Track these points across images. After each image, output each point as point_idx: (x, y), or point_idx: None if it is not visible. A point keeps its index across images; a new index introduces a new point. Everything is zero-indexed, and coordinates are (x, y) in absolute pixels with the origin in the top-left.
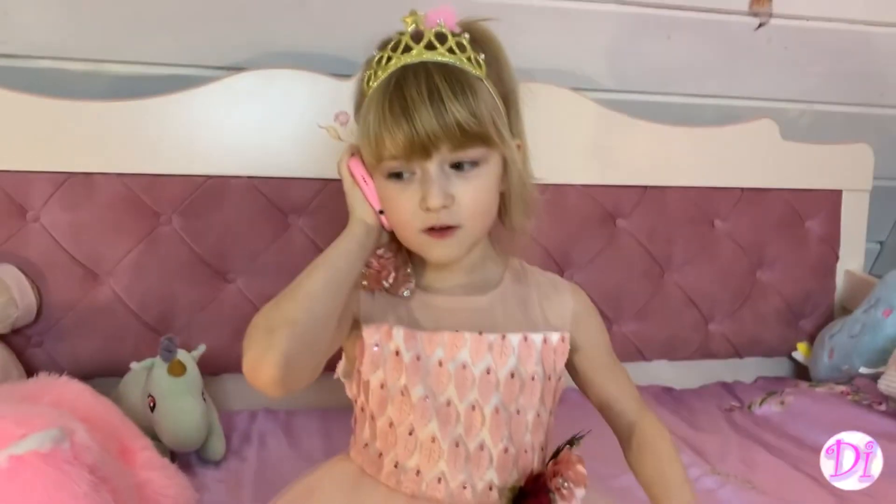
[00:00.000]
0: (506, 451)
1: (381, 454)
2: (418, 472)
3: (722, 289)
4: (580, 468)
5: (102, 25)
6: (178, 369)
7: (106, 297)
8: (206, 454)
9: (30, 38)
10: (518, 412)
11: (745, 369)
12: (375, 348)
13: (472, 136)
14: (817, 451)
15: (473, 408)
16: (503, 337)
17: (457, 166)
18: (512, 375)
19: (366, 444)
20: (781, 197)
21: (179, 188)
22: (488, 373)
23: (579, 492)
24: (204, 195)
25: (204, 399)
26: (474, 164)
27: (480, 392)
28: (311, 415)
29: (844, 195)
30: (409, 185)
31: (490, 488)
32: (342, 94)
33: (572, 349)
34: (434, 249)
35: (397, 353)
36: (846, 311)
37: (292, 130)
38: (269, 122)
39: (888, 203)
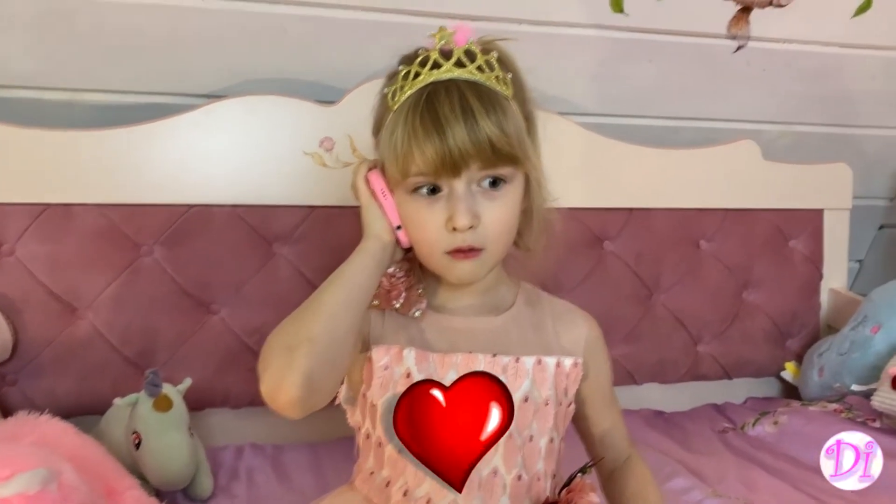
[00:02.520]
0: (519, 478)
1: (388, 482)
2: (429, 501)
3: (710, 310)
4: (593, 497)
5: (80, 54)
6: (164, 404)
7: (85, 331)
8: (194, 492)
9: (5, 67)
10: (531, 438)
11: (735, 390)
12: (385, 370)
13: (503, 154)
14: (815, 470)
15: None
16: (517, 359)
17: (484, 184)
18: (526, 399)
19: (371, 473)
20: (765, 217)
21: (161, 218)
22: None
23: None
24: (186, 225)
25: (191, 435)
26: (502, 181)
27: None
28: (300, 449)
29: (826, 214)
30: (435, 203)
31: None
32: (326, 120)
33: (582, 376)
34: (455, 270)
35: (408, 375)
36: (832, 329)
37: (276, 158)
38: (252, 149)
39: (865, 222)
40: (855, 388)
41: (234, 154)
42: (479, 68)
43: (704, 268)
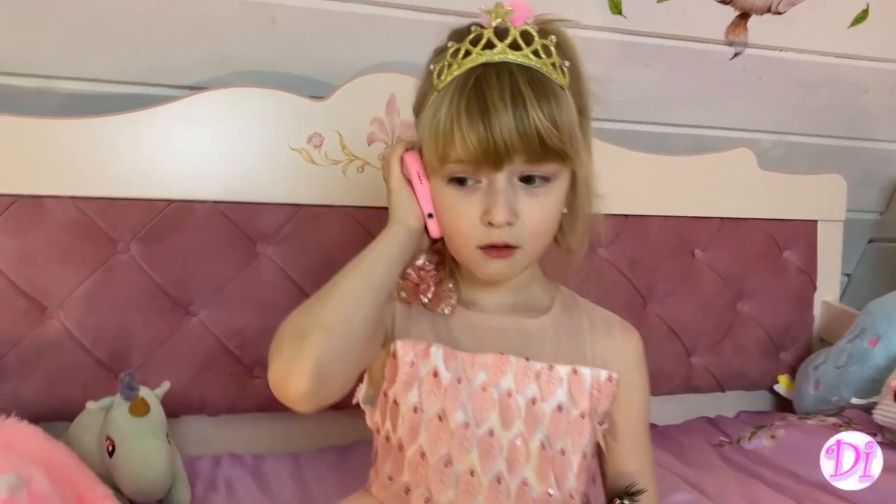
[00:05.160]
0: (549, 494)
1: (408, 489)
2: None
3: (704, 320)
4: None
5: (56, 40)
6: (140, 408)
7: (55, 331)
8: (171, 503)
9: None
10: (563, 452)
11: (727, 403)
12: (411, 366)
13: (551, 150)
14: (816, 485)
15: (518, 441)
16: (550, 367)
17: (526, 180)
18: (559, 409)
19: (390, 478)
20: (759, 227)
21: (138, 213)
22: (534, 403)
23: None
24: (165, 221)
25: (169, 442)
26: (545, 180)
27: (526, 424)
28: (280, 459)
29: (820, 225)
30: (472, 195)
31: None
32: (316, 116)
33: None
34: (486, 267)
35: (435, 374)
36: (824, 342)
37: (261, 153)
38: (236, 143)
39: (854, 235)
40: (855, 401)
41: (217, 148)
42: (535, 52)
43: (699, 277)
